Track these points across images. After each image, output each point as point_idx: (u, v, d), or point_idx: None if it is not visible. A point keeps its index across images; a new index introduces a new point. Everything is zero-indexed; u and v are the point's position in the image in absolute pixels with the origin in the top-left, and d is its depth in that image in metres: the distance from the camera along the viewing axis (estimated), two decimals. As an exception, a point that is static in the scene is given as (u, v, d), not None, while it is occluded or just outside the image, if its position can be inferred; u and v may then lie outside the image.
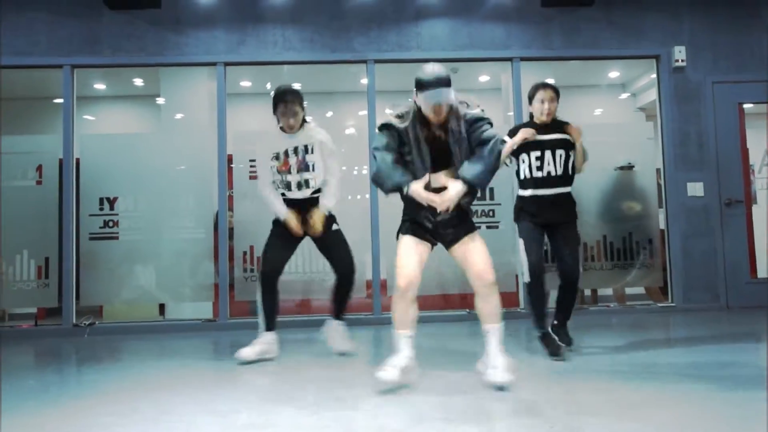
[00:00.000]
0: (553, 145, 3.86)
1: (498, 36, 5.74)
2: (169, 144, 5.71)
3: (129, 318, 5.77)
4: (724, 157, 5.80)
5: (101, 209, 5.49)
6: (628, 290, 6.07)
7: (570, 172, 3.91)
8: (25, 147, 5.58)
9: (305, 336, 4.93)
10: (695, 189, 5.73)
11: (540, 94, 3.93)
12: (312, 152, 3.93)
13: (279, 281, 3.92)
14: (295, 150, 3.92)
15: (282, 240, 3.96)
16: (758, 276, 5.92)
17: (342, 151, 5.88)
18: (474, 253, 3.11)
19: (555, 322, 3.98)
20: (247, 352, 3.82)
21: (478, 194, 3.38)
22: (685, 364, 3.54)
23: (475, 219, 5.55)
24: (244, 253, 5.49)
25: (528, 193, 3.90)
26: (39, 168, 5.53)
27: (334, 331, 4.03)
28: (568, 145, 3.89)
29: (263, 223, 5.32)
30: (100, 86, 7.52)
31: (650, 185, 5.83)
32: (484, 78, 7.38)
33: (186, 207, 5.58)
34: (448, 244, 3.19)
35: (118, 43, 5.55)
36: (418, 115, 3.09)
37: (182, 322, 5.51)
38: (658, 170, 5.93)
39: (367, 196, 5.63)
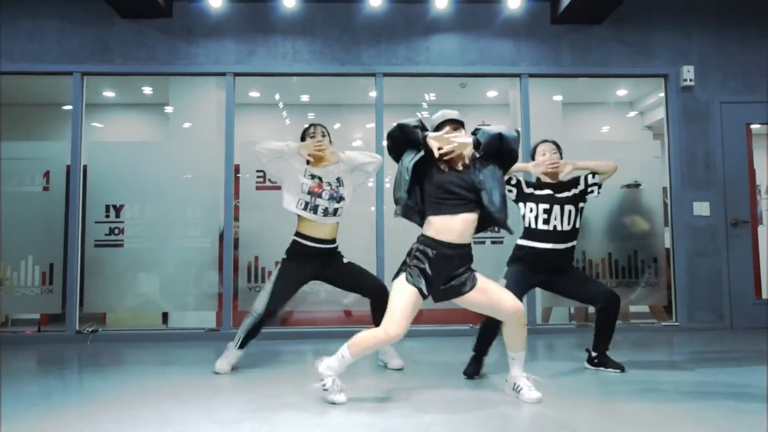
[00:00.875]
0: (563, 202, 3.87)
1: (507, 52, 5.77)
2: (177, 153, 5.72)
3: (132, 326, 5.76)
4: (731, 177, 5.79)
5: (107, 216, 5.50)
6: (632, 308, 6.04)
7: (576, 227, 3.90)
8: (33, 153, 5.60)
9: (309, 347, 4.93)
10: (701, 208, 5.72)
11: (541, 148, 4.01)
12: (343, 185, 4.00)
13: None
14: (329, 183, 3.96)
15: (292, 281, 3.99)
16: (763, 297, 5.89)
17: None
18: (496, 294, 3.10)
19: (595, 353, 3.92)
20: (224, 366, 3.95)
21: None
22: (688, 384, 3.52)
23: (479, 234, 5.61)
24: (249, 263, 5.49)
25: (529, 243, 3.87)
26: (46, 174, 5.55)
27: (386, 353, 4.09)
28: (578, 201, 3.90)
29: (269, 234, 5.37)
30: (109, 94, 7.57)
31: (656, 204, 5.81)
32: (492, 93, 7.41)
33: (192, 216, 5.58)
34: (448, 296, 3.13)
35: (128, 52, 5.59)
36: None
37: (185, 331, 5.50)
38: (664, 189, 5.93)
39: (373, 208, 5.63)
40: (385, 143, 5.84)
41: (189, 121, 6.64)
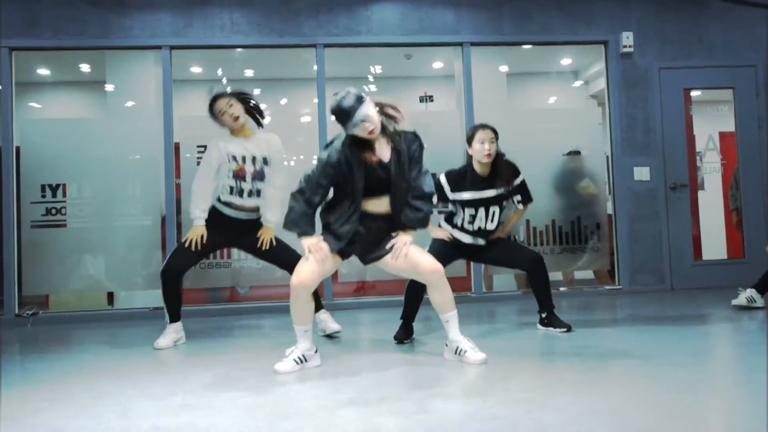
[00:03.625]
0: (487, 203, 3.89)
1: (449, 21, 5.74)
2: (115, 130, 5.55)
3: (77, 307, 5.62)
4: (670, 142, 5.91)
5: (43, 196, 5.34)
6: (578, 274, 6.15)
7: (500, 221, 4.00)
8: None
9: (258, 322, 4.91)
10: (642, 173, 5.84)
11: (479, 135, 3.85)
12: (268, 164, 3.93)
13: (182, 278, 4.03)
14: (254, 159, 3.90)
15: (201, 244, 3.94)
16: (704, 258, 6.06)
17: (299, 141, 5.86)
18: (415, 257, 3.16)
19: (543, 313, 3.97)
20: (163, 342, 3.89)
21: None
22: (623, 343, 3.61)
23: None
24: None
25: (454, 232, 3.95)
26: (-24, 155, 5.35)
27: (323, 320, 4.07)
28: (502, 200, 3.94)
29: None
30: (43, 71, 7.30)
31: (600, 170, 5.92)
32: (437, 65, 7.41)
33: (133, 195, 5.46)
34: (371, 260, 3.23)
35: (58, 25, 5.37)
36: (352, 140, 3.08)
37: (131, 311, 5.41)
38: (608, 157, 6.02)
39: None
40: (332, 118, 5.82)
41: (128, 97, 6.46)
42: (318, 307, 4.05)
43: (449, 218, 4.01)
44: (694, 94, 6.40)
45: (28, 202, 5.32)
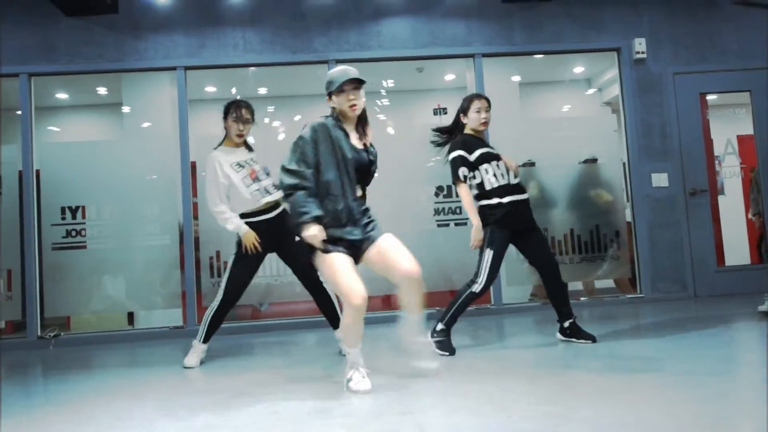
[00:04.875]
0: (498, 158, 3.92)
1: (459, 32, 5.75)
2: (132, 151, 5.61)
3: (97, 328, 5.66)
4: (688, 147, 5.84)
5: (63, 218, 5.40)
6: (598, 284, 6.08)
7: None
8: (-16, 159, 5.47)
9: (276, 339, 4.90)
10: (660, 180, 5.77)
11: (476, 104, 3.95)
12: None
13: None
14: (252, 160, 4.02)
15: (247, 263, 3.96)
16: (727, 264, 5.96)
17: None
18: (396, 251, 3.01)
19: (565, 323, 3.89)
20: (193, 360, 3.92)
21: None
22: (647, 352, 3.56)
23: (441, 216, 5.64)
24: (210, 258, 5.43)
25: (505, 199, 3.82)
26: (-2, 180, 5.43)
27: (341, 339, 4.03)
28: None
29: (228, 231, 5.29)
30: (62, 96, 7.41)
31: (616, 177, 5.86)
32: (449, 77, 7.40)
33: (151, 215, 5.50)
34: (363, 252, 3.05)
35: (75, 50, 5.46)
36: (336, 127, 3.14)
37: (151, 330, 5.43)
38: (625, 164, 5.97)
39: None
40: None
41: (144, 119, 6.53)
42: (338, 324, 4.03)
43: (491, 194, 3.86)
44: (711, 97, 6.33)
45: (49, 224, 5.39)
